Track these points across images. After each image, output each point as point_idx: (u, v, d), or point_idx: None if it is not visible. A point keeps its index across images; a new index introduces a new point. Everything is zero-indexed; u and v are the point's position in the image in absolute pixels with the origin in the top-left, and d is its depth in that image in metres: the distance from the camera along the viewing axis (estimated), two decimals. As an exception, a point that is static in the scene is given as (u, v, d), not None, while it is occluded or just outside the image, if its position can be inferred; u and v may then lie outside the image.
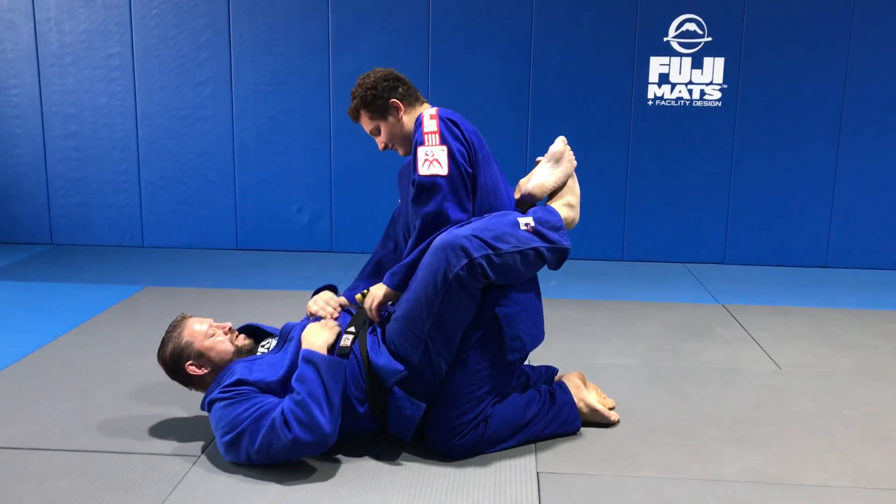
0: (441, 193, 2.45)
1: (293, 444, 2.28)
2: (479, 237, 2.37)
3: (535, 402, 2.61)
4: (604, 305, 4.29)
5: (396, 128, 2.65)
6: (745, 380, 3.23)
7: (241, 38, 5.30)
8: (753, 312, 4.19)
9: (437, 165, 2.45)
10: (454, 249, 2.34)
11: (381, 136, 2.68)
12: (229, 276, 4.85)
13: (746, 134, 5.22)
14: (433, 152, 2.46)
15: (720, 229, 5.35)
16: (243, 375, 2.42)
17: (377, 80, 2.62)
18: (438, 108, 2.57)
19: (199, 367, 2.52)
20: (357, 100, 2.65)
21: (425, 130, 2.49)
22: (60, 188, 5.57)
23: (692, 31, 5.13)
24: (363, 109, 2.66)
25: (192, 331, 2.53)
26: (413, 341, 2.43)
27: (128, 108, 5.44)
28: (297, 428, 2.27)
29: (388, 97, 2.63)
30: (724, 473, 2.43)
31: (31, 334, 3.64)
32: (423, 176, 2.45)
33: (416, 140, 2.50)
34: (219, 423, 2.38)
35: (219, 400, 2.39)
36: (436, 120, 2.50)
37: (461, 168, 2.48)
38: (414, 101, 2.68)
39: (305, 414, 2.28)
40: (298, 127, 5.39)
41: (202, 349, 2.51)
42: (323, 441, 2.30)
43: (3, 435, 2.61)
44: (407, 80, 2.69)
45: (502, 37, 5.19)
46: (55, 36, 5.37)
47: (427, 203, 2.46)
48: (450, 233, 2.39)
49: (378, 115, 2.65)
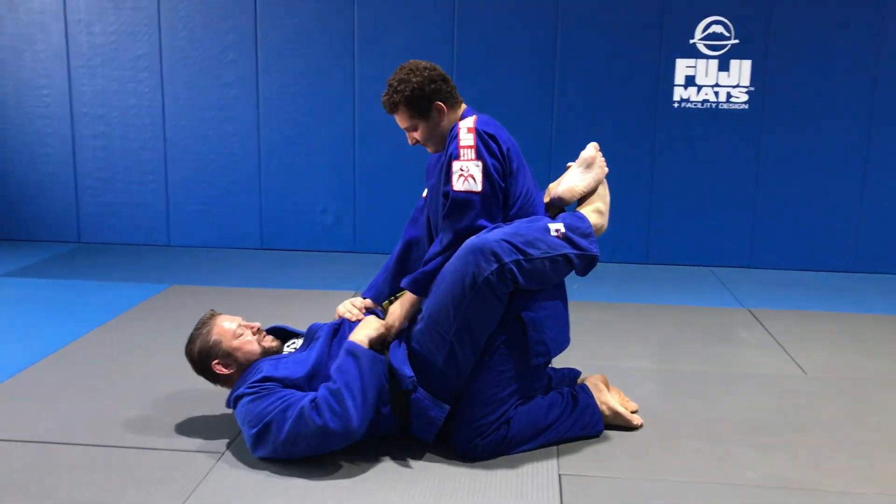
0: (475, 210, 2.45)
1: (321, 431, 2.29)
2: (510, 242, 2.37)
3: (557, 405, 2.61)
4: (628, 309, 4.27)
5: (435, 129, 2.60)
6: (769, 384, 3.20)
7: (268, 39, 5.34)
8: (779, 317, 4.15)
9: (472, 181, 2.44)
10: (484, 253, 2.34)
11: (417, 133, 2.62)
12: (254, 275, 4.89)
13: (773, 137, 5.17)
14: (468, 168, 2.44)
15: (746, 233, 5.30)
16: (269, 372, 2.45)
17: (424, 81, 2.53)
18: (476, 118, 2.54)
19: (226, 366, 2.54)
20: (399, 95, 2.55)
21: (461, 144, 2.46)
22: (88, 187, 5.64)
23: (719, 34, 5.09)
24: (404, 106, 2.56)
25: (220, 329, 2.55)
26: (438, 342, 2.43)
27: (155, 109, 5.50)
28: (327, 415, 2.29)
29: (434, 99, 2.56)
30: (747, 478, 2.41)
31: (58, 331, 3.70)
32: (457, 192, 2.45)
33: (451, 151, 2.48)
34: (246, 418, 2.40)
35: (245, 395, 2.41)
36: (473, 134, 2.47)
37: (495, 184, 2.47)
38: (455, 103, 2.62)
39: (338, 403, 2.30)
40: (323, 128, 5.42)
41: (230, 349, 2.53)
42: (349, 433, 2.31)
43: (32, 430, 2.65)
44: (449, 80, 2.61)
45: (527, 39, 5.19)
46: (85, 37, 5.44)
47: (460, 219, 2.46)
48: (479, 237, 2.39)
49: (419, 115, 2.58)
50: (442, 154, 2.65)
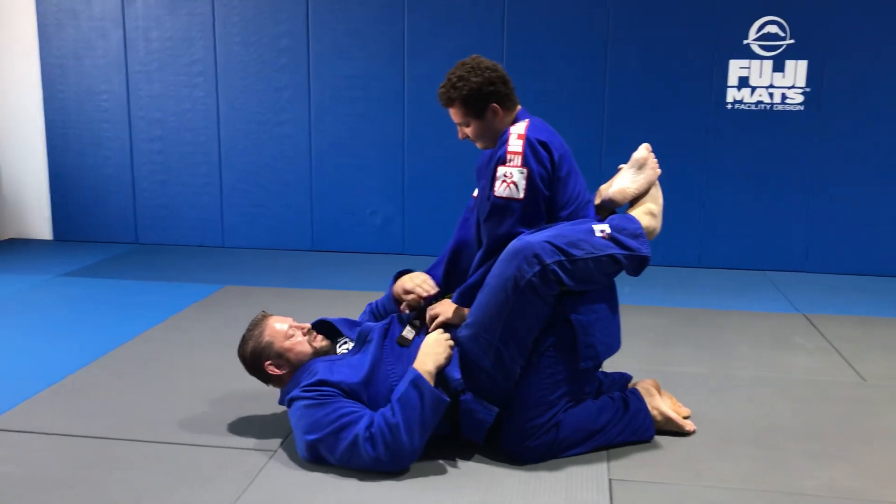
0: (514, 217, 2.45)
1: (372, 462, 2.34)
2: (553, 243, 2.36)
3: (608, 409, 2.59)
4: (679, 313, 4.22)
5: (487, 129, 2.59)
6: (826, 392, 3.13)
7: (319, 43, 5.40)
8: (836, 322, 4.05)
9: (514, 188, 2.44)
10: (526, 256, 2.34)
11: (469, 130, 2.61)
12: (305, 276, 4.95)
13: (830, 138, 5.06)
14: (512, 174, 2.44)
15: (801, 236, 5.19)
16: (325, 376, 2.45)
17: (483, 82, 2.52)
18: (529, 123, 2.52)
19: (278, 367, 2.56)
20: (456, 92, 2.53)
21: (509, 149, 2.46)
22: (146, 190, 5.77)
23: (773, 34, 5.00)
24: (460, 104, 2.55)
25: (272, 330, 2.58)
26: (484, 346, 2.43)
27: (210, 113, 5.60)
28: (381, 448, 2.32)
29: (490, 100, 2.54)
30: (803, 487, 2.36)
31: (116, 330, 3.79)
32: (498, 197, 2.45)
33: (499, 155, 2.48)
34: (300, 422, 2.42)
35: (300, 398, 2.43)
36: (522, 141, 2.45)
37: (538, 192, 2.46)
38: (511, 105, 2.60)
39: (394, 438, 2.32)
40: (373, 131, 5.46)
41: (281, 349, 2.55)
42: (400, 465, 2.36)
43: (90, 425, 2.72)
44: (509, 82, 2.59)
45: (578, 40, 5.16)
46: (143, 43, 5.57)
47: (499, 225, 2.47)
48: (521, 239, 2.39)
49: (473, 114, 2.56)
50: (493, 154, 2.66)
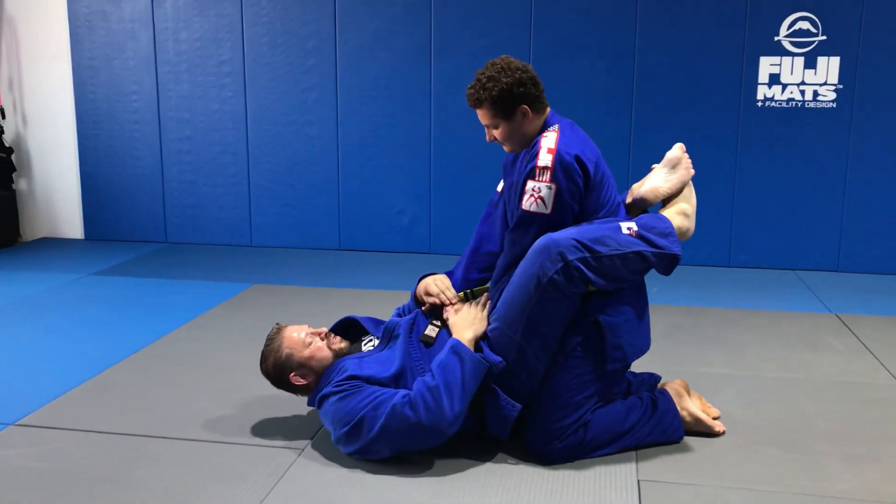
0: (539, 231, 2.44)
1: (413, 427, 2.32)
2: (577, 240, 2.35)
3: (636, 409, 2.57)
4: (709, 313, 4.18)
5: (515, 131, 2.54)
6: (860, 393, 3.08)
7: (347, 44, 5.42)
8: (869, 323, 3.99)
9: (541, 203, 2.42)
10: (550, 253, 2.33)
11: (497, 132, 2.57)
12: (332, 275, 4.97)
13: (863, 136, 4.98)
14: (540, 189, 2.41)
15: (833, 235, 5.12)
16: (355, 371, 2.47)
17: (514, 83, 2.46)
18: (559, 135, 2.46)
19: (303, 376, 2.56)
20: (485, 93, 2.47)
21: (539, 164, 2.41)
22: (175, 190, 5.83)
23: (805, 30, 4.93)
24: (489, 105, 2.49)
25: (290, 341, 2.56)
26: (507, 342, 2.43)
27: (238, 114, 5.64)
28: (422, 411, 2.31)
29: (520, 102, 2.49)
30: (836, 490, 2.33)
31: (146, 328, 3.83)
32: (525, 211, 2.44)
33: (529, 168, 2.44)
34: (335, 417, 2.43)
35: (333, 394, 2.44)
36: (552, 156, 2.41)
37: (566, 207, 2.44)
38: (541, 108, 2.55)
39: (434, 401, 2.32)
40: (400, 131, 5.47)
41: (302, 359, 2.54)
42: (441, 430, 2.33)
43: (120, 422, 2.76)
44: (539, 83, 2.53)
45: (606, 38, 5.13)
46: (172, 44, 5.63)
47: (524, 237, 2.46)
48: (547, 236, 2.38)
49: (502, 115, 2.51)
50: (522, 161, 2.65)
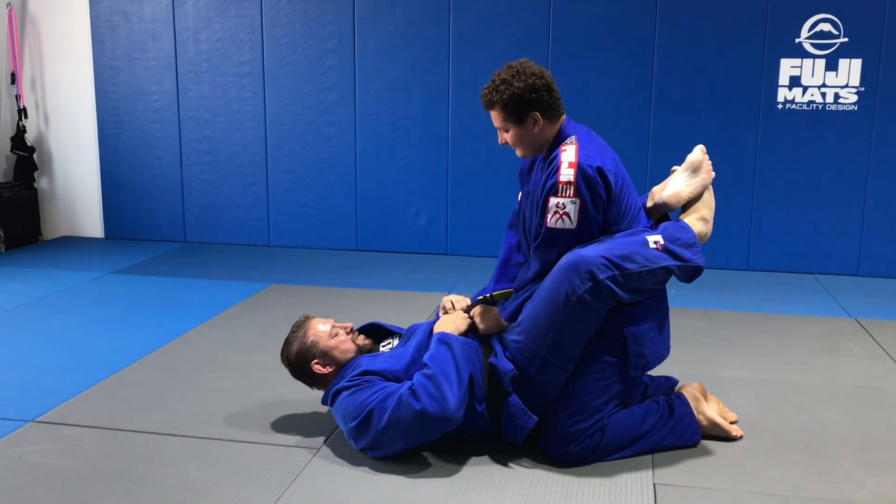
0: (566, 246, 2.43)
1: (420, 416, 2.33)
2: (607, 257, 2.34)
3: (653, 413, 2.56)
4: (727, 316, 4.15)
5: (526, 137, 2.53)
6: (879, 398, 3.05)
7: (365, 44, 5.43)
8: (890, 328, 3.95)
9: (567, 219, 2.40)
10: (579, 272, 2.33)
11: (508, 136, 2.56)
12: (349, 275, 4.98)
13: (885, 139, 4.93)
14: (565, 205, 2.39)
15: (854, 239, 5.07)
16: (368, 367, 2.51)
17: (526, 89, 2.44)
18: (578, 148, 2.43)
19: (324, 365, 2.59)
20: (497, 95, 2.47)
21: (561, 180, 2.39)
22: (194, 189, 5.87)
23: (827, 32, 4.89)
24: (500, 107, 2.49)
25: (316, 330, 2.61)
26: (531, 355, 2.44)
27: (257, 114, 5.67)
28: (425, 399, 2.33)
29: (531, 108, 2.47)
30: (855, 496, 2.31)
31: (164, 327, 3.86)
32: (550, 228, 2.42)
33: (550, 183, 2.41)
34: (346, 411, 2.45)
35: (345, 389, 2.47)
36: (574, 170, 2.38)
37: (591, 220, 2.42)
38: (554, 115, 2.52)
39: (435, 387, 2.34)
40: (417, 132, 5.48)
41: (326, 348, 2.58)
42: (448, 417, 2.34)
43: (140, 420, 2.78)
44: (554, 90, 2.50)
45: (624, 39, 5.11)
46: (192, 44, 5.67)
47: (549, 252, 2.45)
48: (575, 253, 2.37)
49: (513, 119, 2.50)
50: (536, 161, 2.64)
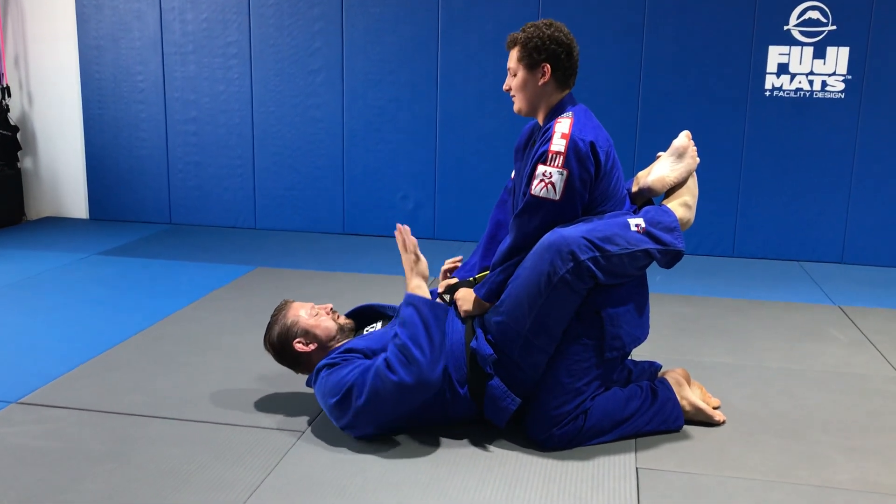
0: (546, 217, 2.43)
1: (397, 387, 2.34)
2: (588, 238, 2.35)
3: (636, 398, 2.57)
4: (712, 302, 4.17)
5: (529, 86, 2.54)
6: (861, 385, 3.08)
7: (354, 27, 5.40)
8: (872, 315, 3.98)
9: (551, 189, 2.41)
10: (560, 252, 2.33)
11: (515, 80, 2.56)
12: (336, 259, 4.97)
13: (871, 127, 4.95)
14: (551, 174, 2.40)
15: (839, 227, 5.10)
16: (352, 345, 2.54)
17: (550, 39, 2.48)
18: (573, 121, 2.44)
19: (307, 343, 2.60)
20: (523, 35, 2.52)
21: (552, 149, 2.40)
22: (180, 171, 5.83)
23: (815, 20, 4.89)
24: (520, 46, 2.52)
25: (296, 312, 2.64)
26: (513, 336, 2.44)
27: (244, 95, 5.63)
28: (400, 370, 2.34)
29: (545, 58, 2.50)
30: (835, 481, 2.33)
31: (149, 308, 3.84)
32: (533, 195, 2.42)
33: (540, 152, 2.43)
34: (325, 389, 2.46)
35: (326, 367, 2.49)
36: (566, 141, 2.40)
37: (576, 194, 2.42)
38: (563, 81, 2.55)
39: (407, 357, 2.35)
40: (406, 115, 5.46)
41: (307, 326, 2.60)
42: (424, 382, 2.35)
43: (124, 402, 2.77)
44: (574, 57, 2.54)
45: (614, 24, 5.10)
46: (178, 25, 5.61)
47: (529, 222, 2.45)
48: (556, 233, 2.37)
49: (526, 63, 2.52)
50: (531, 138, 2.64)
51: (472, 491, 2.24)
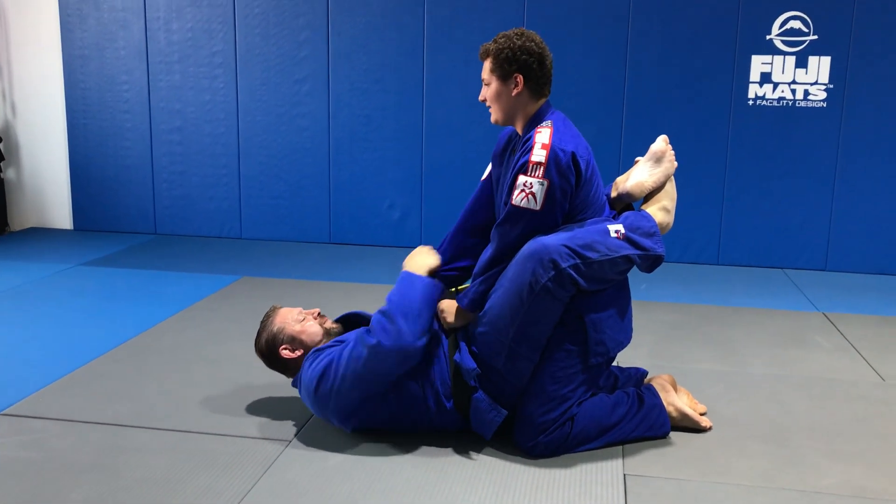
0: (527, 226, 2.44)
1: (374, 351, 2.36)
2: (568, 246, 2.36)
3: (622, 404, 2.58)
4: (697, 310, 4.19)
5: (503, 96, 2.54)
6: (845, 391, 3.10)
7: (339, 36, 5.40)
8: (856, 322, 4.01)
9: (532, 199, 2.41)
10: (542, 260, 2.34)
11: (489, 90, 2.57)
12: (322, 268, 4.96)
13: (853, 136, 5.00)
14: (532, 184, 2.40)
15: (822, 234, 5.14)
16: (335, 341, 2.57)
17: (521, 49, 2.48)
18: (553, 130, 2.44)
19: (293, 349, 2.60)
20: (494, 46, 2.52)
21: (532, 159, 2.40)
22: (165, 181, 5.80)
23: (797, 29, 4.94)
24: (492, 58, 2.52)
25: (283, 317, 2.65)
26: (497, 346, 2.45)
27: (229, 105, 5.62)
28: (379, 334, 2.37)
29: (517, 69, 2.49)
30: (820, 486, 2.34)
31: (134, 319, 3.82)
32: (514, 205, 2.43)
33: (520, 162, 2.43)
34: (307, 379, 2.49)
35: (308, 360, 2.53)
36: (546, 152, 2.40)
37: (556, 204, 2.43)
38: (536, 91, 2.53)
39: (390, 321, 2.39)
40: (391, 124, 5.46)
41: (293, 333, 2.61)
42: (403, 348, 2.37)
43: (108, 412, 2.75)
44: (547, 66, 2.53)
45: (598, 33, 5.13)
46: (163, 34, 5.60)
47: (510, 232, 2.46)
48: (537, 241, 2.38)
49: (498, 73, 2.52)
50: (509, 146, 2.65)
51: (459, 499, 2.23)
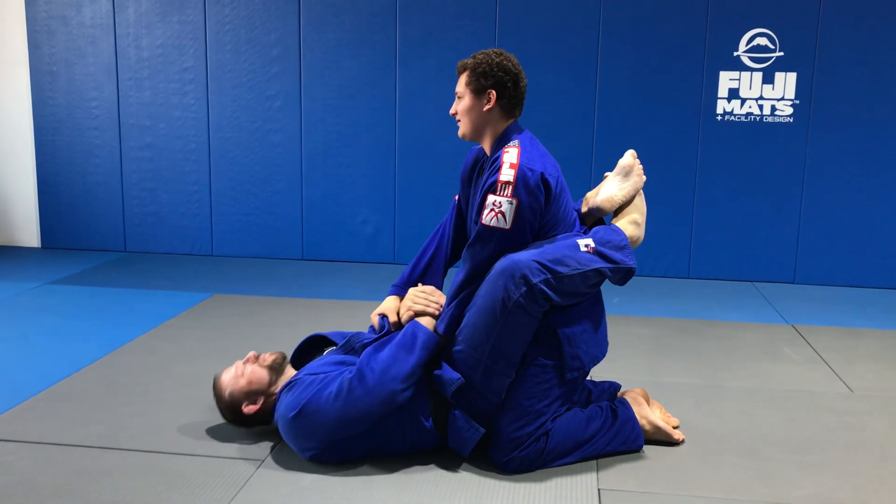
0: (498, 245, 2.45)
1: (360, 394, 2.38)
2: (539, 262, 2.37)
3: (596, 418, 2.59)
4: (669, 323, 4.23)
5: (474, 110, 2.57)
6: (814, 402, 3.14)
7: (311, 52, 5.41)
8: (824, 333, 4.07)
9: (502, 219, 2.42)
10: (514, 277, 2.35)
11: (461, 104, 2.59)
12: (295, 285, 4.93)
13: (819, 151, 5.09)
14: (501, 204, 2.42)
15: (790, 248, 5.22)
16: (307, 372, 2.55)
17: (498, 67, 2.52)
18: (520, 150, 2.46)
19: (254, 402, 2.60)
20: (472, 61, 2.56)
21: (501, 179, 2.42)
22: (135, 198, 5.75)
23: (763, 46, 5.03)
24: (469, 72, 2.56)
25: (225, 382, 2.64)
26: (473, 364, 2.45)
27: (200, 121, 5.59)
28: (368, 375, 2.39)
29: (491, 85, 2.53)
30: (791, 497, 2.36)
31: (104, 338, 3.76)
32: (484, 225, 2.45)
33: (490, 182, 2.45)
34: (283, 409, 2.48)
35: (284, 392, 2.53)
36: (514, 171, 2.42)
37: (525, 223, 2.45)
38: (508, 110, 2.58)
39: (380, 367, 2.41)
40: (364, 141, 5.46)
41: (242, 389, 2.60)
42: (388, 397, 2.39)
43: (77, 434, 2.70)
44: (521, 87, 2.57)
45: (569, 50, 5.18)
46: (133, 51, 5.56)
47: (482, 251, 2.47)
48: (508, 259, 2.40)
49: (473, 88, 2.55)
50: (476, 167, 2.68)
51: (434, 516, 2.22)
